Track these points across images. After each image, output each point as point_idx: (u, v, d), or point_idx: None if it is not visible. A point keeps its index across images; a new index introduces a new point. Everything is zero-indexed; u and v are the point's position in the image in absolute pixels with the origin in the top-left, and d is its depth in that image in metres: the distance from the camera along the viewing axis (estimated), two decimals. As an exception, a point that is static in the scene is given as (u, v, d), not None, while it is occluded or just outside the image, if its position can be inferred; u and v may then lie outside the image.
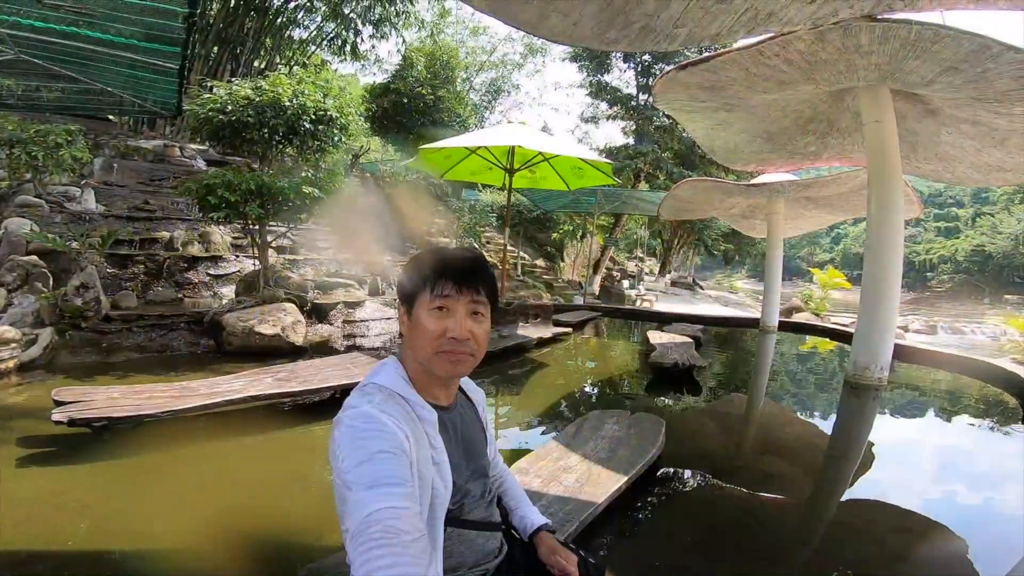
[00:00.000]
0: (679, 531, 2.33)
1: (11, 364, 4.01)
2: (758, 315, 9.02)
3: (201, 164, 8.80)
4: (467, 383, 1.23)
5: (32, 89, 4.90)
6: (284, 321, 5.28)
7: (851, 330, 5.46)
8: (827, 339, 8.65)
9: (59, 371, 4.23)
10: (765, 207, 8.50)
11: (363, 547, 0.70)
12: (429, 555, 0.77)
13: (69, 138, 6.05)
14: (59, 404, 2.96)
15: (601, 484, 2.19)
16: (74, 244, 5.08)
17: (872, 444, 3.67)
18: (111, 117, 9.17)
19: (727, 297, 22.13)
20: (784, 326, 9.11)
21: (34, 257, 4.93)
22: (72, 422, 2.81)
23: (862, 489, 2.90)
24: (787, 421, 4.37)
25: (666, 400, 4.64)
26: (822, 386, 5.73)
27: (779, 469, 3.13)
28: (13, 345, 4.10)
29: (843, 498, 2.81)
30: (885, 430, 4.16)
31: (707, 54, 4.62)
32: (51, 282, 4.84)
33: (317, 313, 6.54)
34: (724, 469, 3.00)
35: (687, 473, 2.92)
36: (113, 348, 4.83)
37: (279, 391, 3.48)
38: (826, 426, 4.30)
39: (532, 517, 1.25)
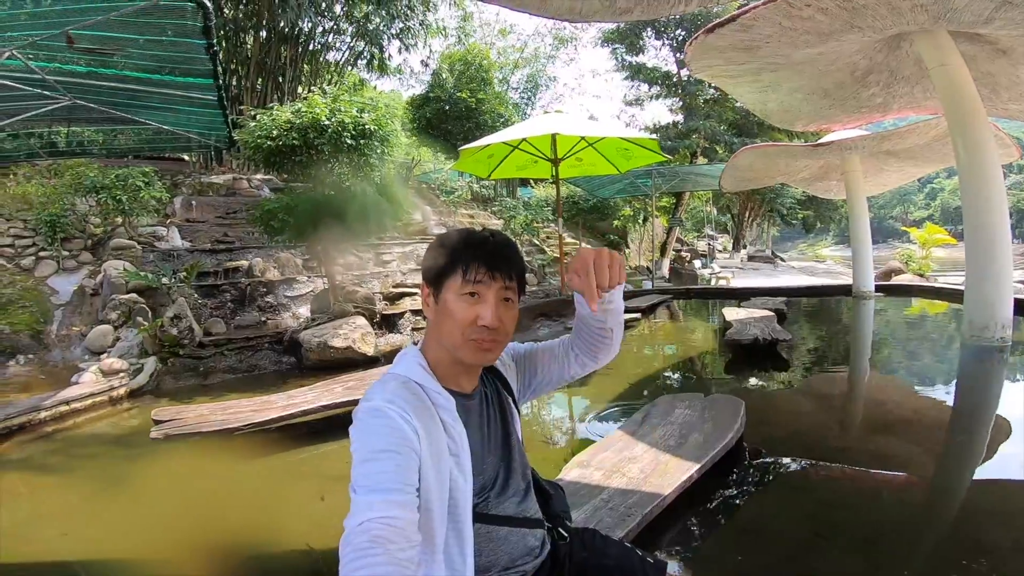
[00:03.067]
0: (768, 521, 2.08)
1: (123, 391, 4.48)
2: (850, 281, 8.19)
3: (267, 192, 9.41)
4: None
5: (110, 136, 5.43)
6: (354, 334, 5.47)
7: (963, 288, 4.83)
8: (936, 300, 7.67)
9: (164, 395, 4.66)
10: (839, 166, 7.82)
11: (349, 556, 0.68)
12: (417, 564, 0.73)
13: (146, 180, 6.59)
14: (157, 423, 3.26)
15: (669, 474, 2.01)
16: (165, 280, 5.60)
17: (1002, 414, 3.15)
18: (185, 157, 10.07)
19: (814, 267, 20.42)
20: (883, 290, 8.20)
21: (134, 295, 5.50)
22: (168, 437, 3.10)
23: (998, 465, 2.49)
24: (898, 394, 3.88)
25: (747, 380, 4.28)
26: (937, 352, 5.07)
27: (893, 448, 2.74)
28: (122, 374, 4.58)
29: (975, 475, 2.44)
30: (1018, 396, 3.57)
31: (735, 12, 4.30)
32: (150, 316, 5.37)
33: (386, 323, 6.76)
34: (823, 450, 2.67)
35: (775, 457, 2.63)
36: (209, 371, 5.24)
37: (349, 399, 3.59)
38: (946, 396, 3.77)
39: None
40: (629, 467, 2.10)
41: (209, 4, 2.76)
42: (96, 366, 4.62)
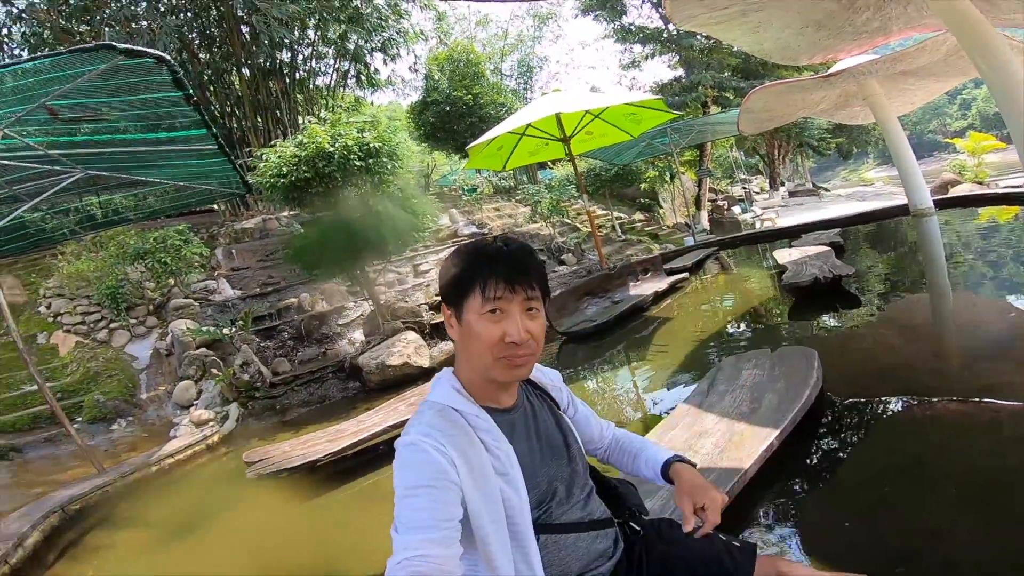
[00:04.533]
0: (866, 475, 1.91)
1: (216, 438, 4.78)
2: (904, 201, 7.65)
3: (297, 227, 9.67)
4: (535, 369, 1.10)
5: (140, 200, 5.47)
6: (407, 349, 5.60)
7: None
8: (1004, 206, 7.04)
9: (252, 435, 4.93)
10: (858, 92, 7.31)
11: None
12: None
13: (184, 238, 6.85)
14: (249, 464, 3.48)
15: (746, 445, 1.89)
16: (226, 331, 5.91)
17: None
18: (214, 208, 10.31)
19: (862, 191, 19.18)
20: (943, 204, 7.62)
21: (203, 349, 5.86)
22: (260, 476, 3.33)
23: None
24: (991, 311, 3.48)
25: (816, 325, 4.06)
26: (1021, 258, 4.63)
27: (1003, 372, 2.38)
28: (211, 423, 4.90)
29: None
30: None
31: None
32: (222, 366, 5.70)
33: (436, 332, 6.87)
34: (920, 387, 2.43)
35: (864, 404, 2.43)
36: (285, 408, 5.52)
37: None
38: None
39: (659, 455, 1.10)
40: (701, 443, 2.01)
41: (168, 56, 2.71)
42: (188, 419, 4.96)
